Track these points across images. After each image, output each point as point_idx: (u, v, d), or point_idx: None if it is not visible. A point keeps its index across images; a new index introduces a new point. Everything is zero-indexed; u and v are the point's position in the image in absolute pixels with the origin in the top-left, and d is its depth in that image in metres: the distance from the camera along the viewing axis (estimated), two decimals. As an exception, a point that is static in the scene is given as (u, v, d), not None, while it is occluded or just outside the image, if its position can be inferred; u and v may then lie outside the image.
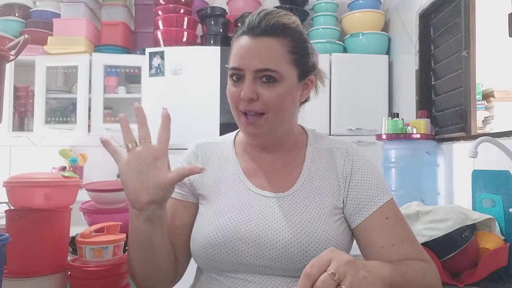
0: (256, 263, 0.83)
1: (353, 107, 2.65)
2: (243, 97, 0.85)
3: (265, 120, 0.87)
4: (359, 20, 2.80)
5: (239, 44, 0.88)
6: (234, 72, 0.88)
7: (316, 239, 0.83)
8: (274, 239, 0.83)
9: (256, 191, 0.91)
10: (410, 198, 1.61)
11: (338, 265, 0.59)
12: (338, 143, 0.97)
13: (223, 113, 2.54)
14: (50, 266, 0.89)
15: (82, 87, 2.84)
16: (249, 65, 0.85)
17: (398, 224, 0.87)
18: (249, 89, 0.85)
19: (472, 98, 1.86)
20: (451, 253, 1.19)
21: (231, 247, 0.84)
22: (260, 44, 0.86)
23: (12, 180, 0.90)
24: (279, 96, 0.86)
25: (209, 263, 0.86)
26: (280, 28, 0.87)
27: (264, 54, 0.85)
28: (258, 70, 0.85)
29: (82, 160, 3.01)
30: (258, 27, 0.86)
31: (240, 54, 0.87)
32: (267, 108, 0.86)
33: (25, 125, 2.96)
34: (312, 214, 0.86)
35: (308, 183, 0.91)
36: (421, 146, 2.00)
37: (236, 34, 0.92)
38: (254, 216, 0.86)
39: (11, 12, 3.00)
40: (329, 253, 0.61)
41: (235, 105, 0.89)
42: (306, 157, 0.94)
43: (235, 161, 0.96)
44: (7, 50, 0.76)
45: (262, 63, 0.85)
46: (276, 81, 0.86)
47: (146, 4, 3.06)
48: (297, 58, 0.89)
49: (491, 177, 1.38)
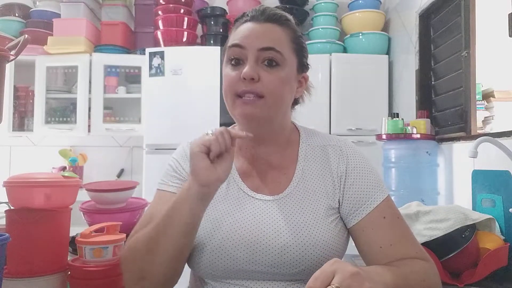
0: (251, 269, 0.82)
1: (353, 107, 2.65)
2: (245, 75, 0.82)
3: (264, 103, 0.84)
4: (359, 20, 2.80)
5: (243, 27, 0.87)
6: (234, 52, 0.85)
7: (313, 242, 0.82)
8: (270, 244, 0.82)
9: (251, 194, 0.88)
10: (410, 198, 1.61)
11: (342, 277, 0.58)
12: (332, 140, 0.95)
13: (223, 113, 2.54)
14: (50, 266, 0.89)
15: (82, 87, 2.84)
16: (253, 43, 0.83)
17: (396, 223, 0.86)
18: (251, 68, 0.82)
19: (472, 98, 1.86)
20: (451, 253, 1.19)
21: (226, 253, 0.82)
22: (265, 27, 0.86)
23: (12, 180, 0.90)
24: (280, 80, 0.85)
25: (204, 269, 0.84)
26: (283, 19, 0.88)
27: (269, 35, 0.85)
28: (263, 49, 0.83)
29: (82, 160, 3.01)
30: (263, 15, 0.87)
31: (243, 33, 0.85)
32: (267, 91, 0.83)
33: (25, 125, 2.96)
34: (307, 217, 0.85)
35: (303, 184, 0.89)
36: (421, 146, 2.00)
37: (236, 24, 0.90)
38: (249, 221, 0.84)
39: (11, 12, 3.00)
40: (332, 264, 0.60)
41: (233, 89, 0.85)
42: (299, 156, 0.92)
43: None
44: (7, 50, 0.76)
45: (267, 42, 0.84)
46: (278, 65, 0.84)
47: (146, 4, 3.06)
48: (298, 48, 0.90)
49: (491, 177, 1.38)
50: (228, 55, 0.87)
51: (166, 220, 0.78)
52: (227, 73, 0.87)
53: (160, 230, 0.79)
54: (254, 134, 0.89)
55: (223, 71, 0.89)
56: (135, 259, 0.80)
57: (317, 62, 2.64)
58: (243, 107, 0.84)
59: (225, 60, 0.88)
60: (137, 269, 0.80)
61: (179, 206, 0.78)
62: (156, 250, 0.79)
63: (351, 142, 0.96)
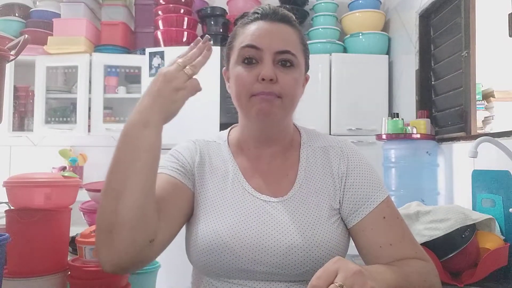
0: (256, 269, 0.82)
1: (353, 107, 2.65)
2: (266, 76, 0.81)
3: (281, 103, 0.84)
4: (359, 20, 2.79)
5: (255, 27, 0.86)
6: (248, 52, 0.84)
7: (318, 244, 0.82)
8: (275, 245, 0.82)
9: (256, 195, 0.88)
10: (410, 198, 1.61)
11: (345, 276, 0.58)
12: (332, 141, 0.95)
13: (223, 113, 2.54)
14: (50, 266, 0.89)
15: (82, 87, 2.83)
16: (269, 45, 0.83)
17: (396, 223, 0.86)
18: (271, 69, 0.83)
19: (472, 98, 1.86)
20: (451, 253, 1.19)
21: (230, 253, 0.81)
22: (279, 28, 0.86)
23: (12, 180, 0.91)
24: (295, 81, 0.86)
25: (207, 268, 0.84)
26: (293, 20, 0.89)
27: (285, 37, 0.85)
28: (279, 52, 0.84)
29: (82, 160, 3.01)
30: (275, 14, 0.87)
31: (259, 34, 0.85)
32: (284, 92, 0.84)
33: (25, 125, 2.96)
34: (311, 218, 0.85)
35: (306, 186, 0.89)
36: (421, 146, 2.00)
37: (243, 21, 0.90)
38: (254, 222, 0.84)
39: (11, 12, 3.00)
40: (335, 263, 0.60)
41: (249, 90, 0.84)
42: (301, 157, 0.92)
43: (232, 162, 0.92)
44: (7, 50, 0.76)
45: (284, 45, 0.84)
46: (292, 66, 0.85)
47: (146, 4, 3.06)
48: (305, 49, 0.91)
49: (491, 177, 1.38)
50: (240, 55, 0.86)
51: (126, 149, 0.75)
52: (239, 73, 0.85)
53: (121, 163, 0.75)
54: (263, 134, 0.91)
55: (233, 71, 0.88)
56: (123, 225, 0.72)
57: (317, 62, 2.64)
58: (262, 103, 0.83)
59: (235, 60, 0.87)
60: (105, 221, 0.73)
61: (139, 125, 0.76)
62: (148, 200, 0.74)
63: (351, 143, 0.96)
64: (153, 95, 0.78)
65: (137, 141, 0.75)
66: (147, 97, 0.78)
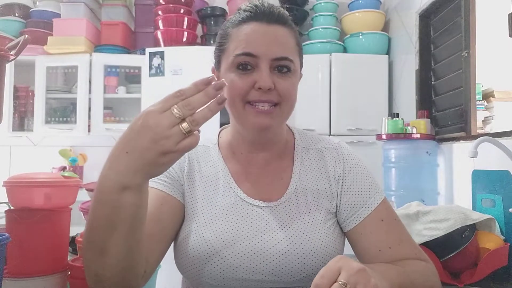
0: (251, 278, 0.79)
1: (353, 107, 2.65)
2: (264, 86, 0.77)
3: (279, 111, 0.81)
4: (359, 20, 2.79)
5: (250, 29, 0.80)
6: (244, 60, 0.79)
7: (314, 249, 0.80)
8: (270, 252, 0.80)
9: (248, 201, 0.85)
10: (410, 198, 1.61)
11: (348, 274, 0.57)
12: (327, 143, 0.93)
13: (223, 113, 2.53)
14: (50, 266, 0.89)
15: (82, 87, 2.84)
16: (266, 52, 0.79)
17: (394, 225, 0.85)
18: (268, 77, 0.78)
19: (472, 98, 1.86)
20: (451, 253, 1.19)
21: (223, 262, 0.79)
22: (275, 31, 0.81)
23: (12, 180, 0.90)
24: (293, 86, 0.83)
25: (200, 279, 0.81)
26: (289, 19, 0.85)
27: (282, 42, 0.81)
28: (277, 59, 0.79)
29: (82, 160, 3.01)
30: (271, 14, 0.81)
31: (254, 40, 0.79)
32: (282, 98, 0.80)
33: (25, 125, 2.96)
34: (307, 223, 0.83)
35: (300, 189, 0.86)
36: (421, 146, 2.00)
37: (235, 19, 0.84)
38: (247, 229, 0.81)
39: (11, 12, 3.00)
40: (338, 261, 0.59)
41: (243, 98, 0.80)
42: (295, 159, 0.90)
43: (223, 167, 0.88)
44: (7, 50, 0.76)
45: (281, 51, 0.80)
46: (289, 72, 0.82)
47: (146, 4, 3.06)
48: (300, 50, 0.87)
49: (491, 177, 1.38)
50: (234, 62, 0.80)
51: (103, 216, 0.63)
52: (233, 80, 0.80)
53: (100, 229, 0.64)
54: (259, 141, 0.87)
55: (225, 76, 0.82)
56: (109, 277, 0.68)
57: (317, 62, 2.64)
58: (259, 117, 0.80)
59: (228, 65, 0.81)
60: (91, 273, 0.69)
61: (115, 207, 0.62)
62: (132, 251, 0.67)
63: (345, 144, 0.94)
64: (133, 155, 0.59)
65: (115, 210, 0.62)
66: (125, 155, 0.60)
